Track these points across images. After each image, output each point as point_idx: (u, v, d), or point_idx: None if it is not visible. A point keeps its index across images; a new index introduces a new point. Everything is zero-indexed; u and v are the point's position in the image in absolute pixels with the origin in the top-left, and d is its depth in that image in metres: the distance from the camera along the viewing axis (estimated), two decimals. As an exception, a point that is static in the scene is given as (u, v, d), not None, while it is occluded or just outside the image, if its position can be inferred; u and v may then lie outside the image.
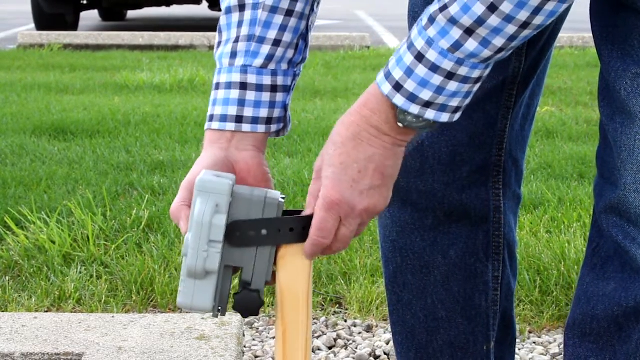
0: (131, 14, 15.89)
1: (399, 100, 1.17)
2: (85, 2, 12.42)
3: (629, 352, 1.31)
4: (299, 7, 1.36)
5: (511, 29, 1.12)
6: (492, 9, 1.11)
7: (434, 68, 1.15)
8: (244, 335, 2.57)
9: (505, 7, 1.11)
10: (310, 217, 1.26)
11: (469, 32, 1.13)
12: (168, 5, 12.85)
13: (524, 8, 1.11)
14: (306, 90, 6.99)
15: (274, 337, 2.70)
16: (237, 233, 1.25)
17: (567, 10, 1.42)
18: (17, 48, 10.34)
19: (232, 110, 1.34)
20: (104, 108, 6.10)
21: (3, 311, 2.78)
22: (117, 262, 3.14)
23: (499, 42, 1.13)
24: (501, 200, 1.57)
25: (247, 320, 2.79)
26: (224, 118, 1.34)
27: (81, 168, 4.47)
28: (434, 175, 1.21)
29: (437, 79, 1.15)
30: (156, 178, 4.25)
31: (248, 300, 1.27)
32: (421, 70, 1.15)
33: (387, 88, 1.18)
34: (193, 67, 8.19)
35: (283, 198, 1.28)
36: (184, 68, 8.06)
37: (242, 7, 1.36)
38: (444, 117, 1.18)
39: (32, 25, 12.79)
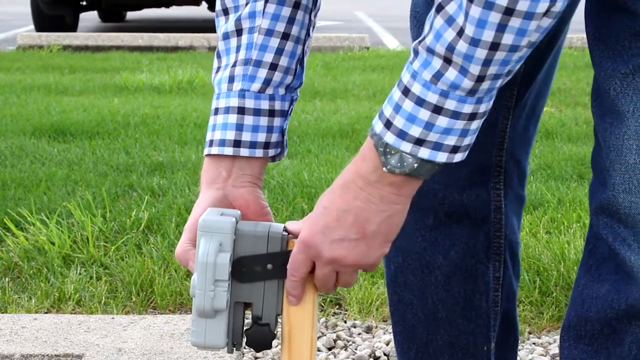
0: (130, 15, 15.89)
1: (390, 137, 1.13)
2: (84, 3, 12.42)
3: (622, 354, 1.30)
4: (294, 30, 1.36)
5: (481, 52, 1.07)
6: (460, 33, 1.07)
7: (420, 102, 1.11)
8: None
9: (469, 30, 1.07)
10: None
11: (447, 60, 1.09)
12: (167, 6, 12.86)
13: (486, 27, 1.06)
14: (305, 91, 6.99)
15: (273, 338, 2.70)
16: (243, 269, 1.25)
17: (571, 10, 1.42)
18: (16, 49, 10.34)
19: (231, 135, 1.34)
20: (104, 109, 6.10)
21: (3, 312, 2.77)
22: (116, 264, 3.14)
23: (475, 69, 1.08)
24: (502, 200, 1.57)
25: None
26: (222, 143, 1.34)
27: (80, 169, 4.47)
28: (434, 176, 1.19)
29: (424, 114, 1.10)
30: (156, 179, 4.25)
31: (259, 335, 1.27)
32: (408, 105, 1.11)
33: (379, 127, 1.14)
34: (192, 68, 8.18)
35: (286, 231, 1.27)
36: (184, 69, 8.06)
37: (239, 32, 1.36)
38: (441, 157, 1.13)
39: (32, 27, 12.79)
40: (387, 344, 2.67)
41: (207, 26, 13.27)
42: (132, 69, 8.39)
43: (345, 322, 2.85)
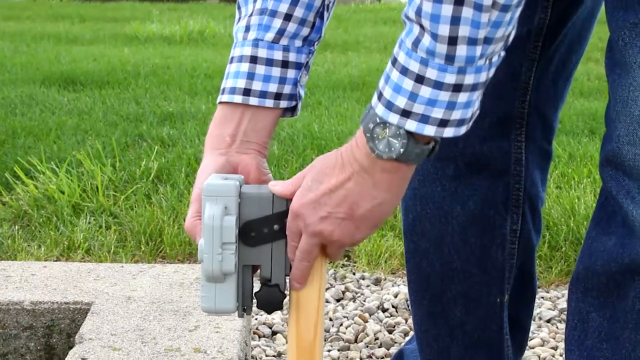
0: (141, -36, 15.81)
1: (380, 109, 1.10)
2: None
3: (626, 309, 1.30)
4: None
5: (447, 9, 1.04)
6: None
7: (404, 71, 1.08)
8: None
9: None
10: None
11: (421, 26, 1.06)
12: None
13: None
14: (316, 43, 6.97)
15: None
16: (252, 233, 1.24)
17: None
18: (26, -2, 10.31)
19: (241, 83, 1.33)
20: (114, 59, 6.09)
21: (12, 260, 2.78)
22: (126, 213, 3.15)
23: (443, 30, 1.04)
24: (523, 153, 1.56)
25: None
26: (232, 90, 1.33)
27: (90, 118, 4.47)
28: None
29: (408, 83, 1.08)
30: (165, 129, 4.24)
31: (269, 295, 1.26)
32: (395, 75, 1.09)
33: (374, 99, 1.12)
34: (203, 18, 8.15)
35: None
36: (194, 20, 8.03)
37: None
38: (428, 130, 1.09)
39: (42, -25, 12.74)
40: (396, 296, 2.68)
41: (218, -23, 13.20)
42: (142, 19, 8.36)
43: (354, 274, 2.86)
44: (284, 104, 1.35)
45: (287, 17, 1.34)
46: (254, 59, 1.34)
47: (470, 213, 1.56)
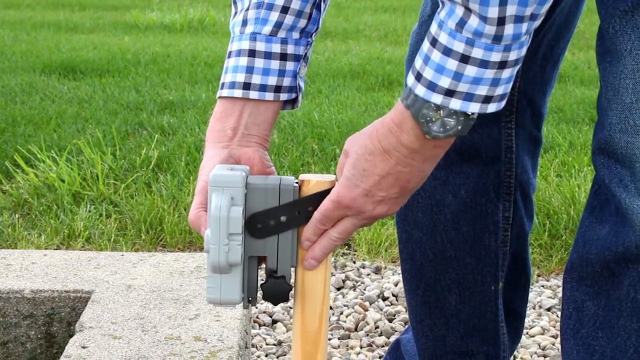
0: (141, -48, 15.78)
1: (420, 90, 1.11)
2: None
3: (621, 297, 1.30)
4: None
5: None
6: None
7: (447, 51, 1.09)
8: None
9: None
10: (327, 192, 1.25)
11: (468, 8, 1.07)
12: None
13: None
14: (317, 32, 6.96)
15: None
16: (258, 225, 1.24)
17: None
18: (26, -14, 10.29)
19: (241, 77, 1.33)
20: (114, 47, 6.09)
21: (13, 248, 2.78)
22: (126, 202, 3.15)
23: (492, 12, 1.05)
24: (513, 140, 1.56)
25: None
26: (232, 85, 1.34)
27: (91, 107, 4.47)
28: None
29: (452, 64, 1.09)
30: (166, 118, 4.24)
31: (275, 287, 1.26)
32: (436, 56, 1.10)
33: (410, 80, 1.13)
34: (203, 6, 8.14)
35: (297, 183, 1.26)
36: (194, 8, 8.02)
37: None
38: (473, 107, 1.11)
39: (42, -37, 12.72)
40: (396, 285, 2.68)
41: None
42: (142, 7, 8.35)
43: (354, 262, 2.86)
44: (284, 96, 1.36)
45: (284, 10, 1.34)
46: (252, 53, 1.34)
47: (462, 201, 1.57)
